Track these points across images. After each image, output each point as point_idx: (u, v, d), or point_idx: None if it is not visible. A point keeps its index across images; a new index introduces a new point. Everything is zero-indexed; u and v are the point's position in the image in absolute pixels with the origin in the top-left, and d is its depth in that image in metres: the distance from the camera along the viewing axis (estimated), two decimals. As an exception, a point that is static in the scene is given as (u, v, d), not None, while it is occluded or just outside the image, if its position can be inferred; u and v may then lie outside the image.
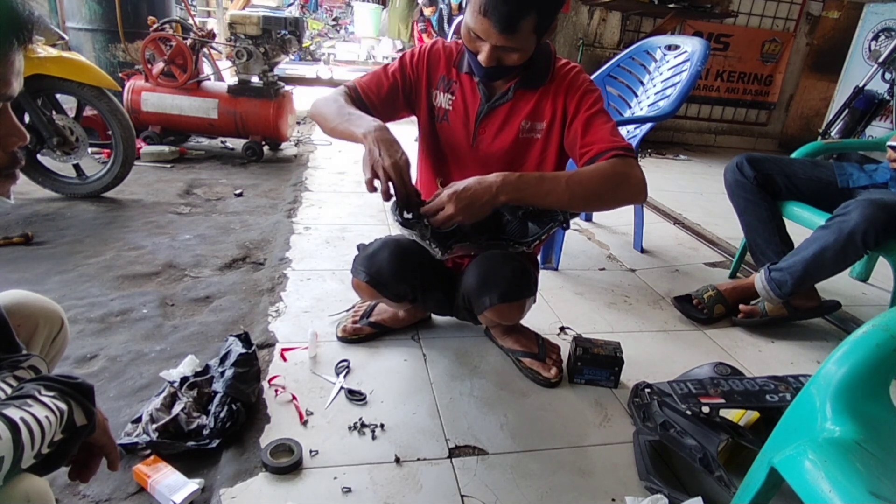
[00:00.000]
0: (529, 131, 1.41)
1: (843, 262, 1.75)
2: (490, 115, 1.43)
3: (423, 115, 1.50)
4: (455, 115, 1.46)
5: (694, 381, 1.32)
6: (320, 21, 11.64)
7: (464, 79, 1.44)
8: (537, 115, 1.40)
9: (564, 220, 1.35)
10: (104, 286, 1.91)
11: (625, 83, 2.66)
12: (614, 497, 1.21)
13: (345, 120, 1.31)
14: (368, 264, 1.50)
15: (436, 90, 1.47)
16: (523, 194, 1.23)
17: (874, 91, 3.64)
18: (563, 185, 1.23)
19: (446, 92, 1.46)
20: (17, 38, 0.68)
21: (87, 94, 2.48)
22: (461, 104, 1.45)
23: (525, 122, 1.40)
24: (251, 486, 1.15)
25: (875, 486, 0.72)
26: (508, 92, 1.40)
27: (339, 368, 1.54)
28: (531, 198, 1.24)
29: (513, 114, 1.41)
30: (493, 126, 1.43)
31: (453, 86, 1.46)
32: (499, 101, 1.41)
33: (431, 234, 1.25)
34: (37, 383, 0.70)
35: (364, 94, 1.43)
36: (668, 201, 3.44)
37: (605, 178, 1.25)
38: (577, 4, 4.67)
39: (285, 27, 3.55)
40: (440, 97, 1.47)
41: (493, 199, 1.21)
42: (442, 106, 1.47)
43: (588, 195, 1.26)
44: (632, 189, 1.27)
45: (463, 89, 1.45)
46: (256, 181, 3.20)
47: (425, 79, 1.47)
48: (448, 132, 1.48)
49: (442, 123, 1.48)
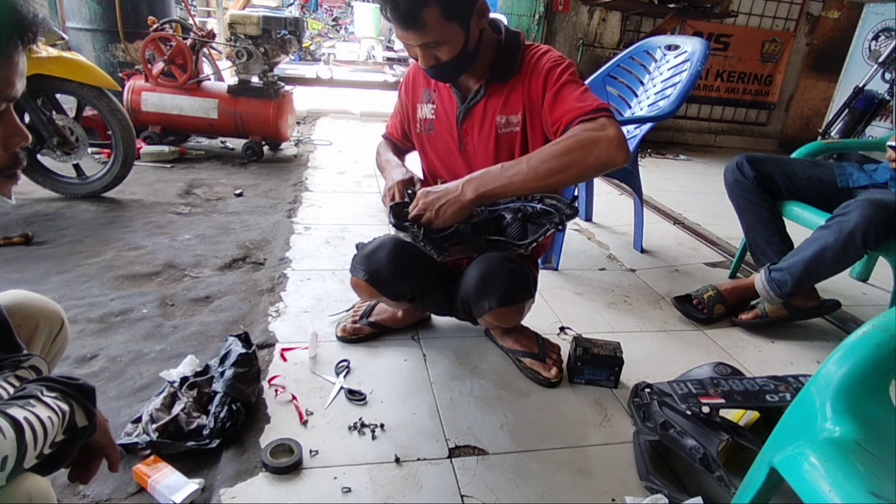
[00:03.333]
0: (506, 126, 1.41)
1: (844, 262, 1.75)
2: (468, 116, 1.45)
3: (415, 131, 1.57)
4: (439, 122, 1.50)
5: (694, 381, 1.32)
6: (320, 21, 11.63)
7: (441, 87, 1.48)
8: (508, 108, 1.40)
9: (560, 222, 1.35)
10: (104, 286, 1.91)
11: (625, 83, 2.66)
12: (614, 497, 1.21)
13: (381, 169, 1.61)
14: (367, 263, 1.50)
15: (420, 104, 1.53)
16: (489, 187, 1.21)
17: (874, 91, 3.63)
18: (524, 167, 1.19)
19: (428, 103, 1.52)
20: (21, 39, 0.68)
21: (87, 94, 2.48)
22: (442, 111, 1.49)
23: (500, 118, 1.41)
24: (251, 486, 1.15)
25: (875, 486, 0.72)
26: (480, 89, 1.41)
27: (339, 368, 1.54)
28: (500, 188, 1.21)
29: (488, 111, 1.42)
30: (474, 126, 1.44)
31: (433, 96, 1.51)
32: (473, 101, 1.43)
33: (424, 237, 1.27)
34: (39, 384, 0.70)
35: (393, 138, 1.67)
36: (668, 201, 3.44)
37: (568, 149, 1.18)
38: (577, 4, 4.67)
39: (285, 27, 3.55)
40: (424, 109, 1.53)
41: (460, 198, 1.23)
42: (427, 117, 1.52)
43: (553, 170, 1.17)
44: (603, 152, 1.16)
45: (441, 97, 1.49)
46: (256, 181, 3.20)
47: (412, 98, 1.56)
48: (437, 141, 1.53)
49: (430, 134, 1.53)
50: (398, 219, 1.31)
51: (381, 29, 9.78)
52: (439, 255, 1.32)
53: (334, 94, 5.73)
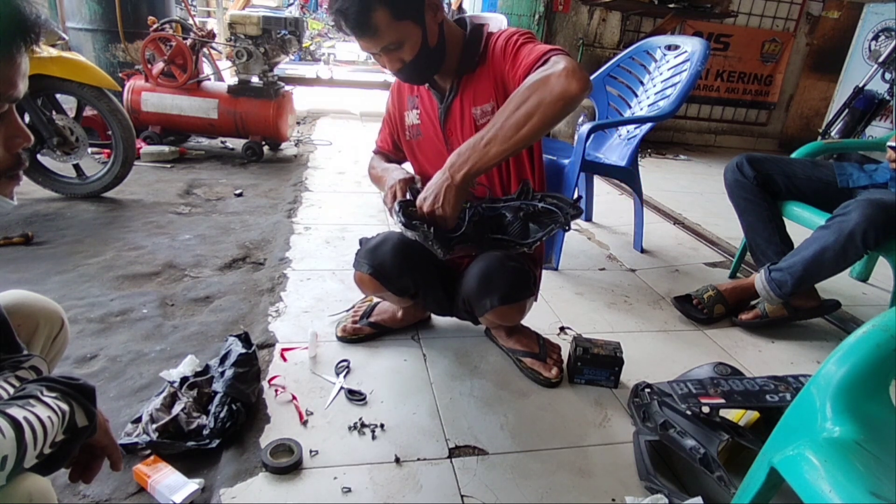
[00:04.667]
0: (482, 116, 1.41)
1: (844, 262, 1.75)
2: (448, 114, 1.46)
3: (405, 139, 1.59)
4: (424, 126, 1.53)
5: (694, 381, 1.32)
6: (320, 21, 11.62)
7: (422, 91, 1.51)
8: (480, 97, 1.41)
9: (565, 222, 1.36)
10: (104, 286, 1.91)
11: (625, 83, 2.66)
12: (614, 497, 1.21)
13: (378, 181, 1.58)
14: (371, 257, 1.51)
15: (406, 111, 1.56)
16: (474, 161, 1.16)
17: (874, 91, 3.63)
18: (494, 132, 1.14)
19: (413, 109, 1.54)
20: (24, 40, 0.68)
21: (87, 94, 2.48)
22: (426, 115, 1.51)
23: (475, 109, 1.42)
24: (251, 486, 1.15)
25: (875, 486, 0.72)
26: (453, 86, 1.43)
27: (339, 368, 1.54)
28: (482, 158, 1.16)
29: (464, 105, 1.43)
30: (456, 123, 1.46)
31: (417, 101, 1.52)
32: (450, 98, 1.44)
33: (434, 236, 1.27)
34: (39, 384, 0.70)
35: (385, 151, 1.68)
36: (668, 201, 3.45)
37: (524, 97, 1.12)
38: (577, 4, 4.67)
39: (285, 27, 3.55)
40: (410, 116, 1.55)
41: (452, 181, 1.18)
42: (413, 123, 1.54)
43: (519, 123, 1.11)
44: (556, 86, 1.09)
45: (423, 101, 1.51)
46: (256, 181, 3.20)
47: (399, 107, 1.58)
48: (425, 144, 1.55)
49: (419, 139, 1.55)
50: (408, 217, 1.29)
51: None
52: (445, 253, 1.31)
53: (334, 94, 5.73)
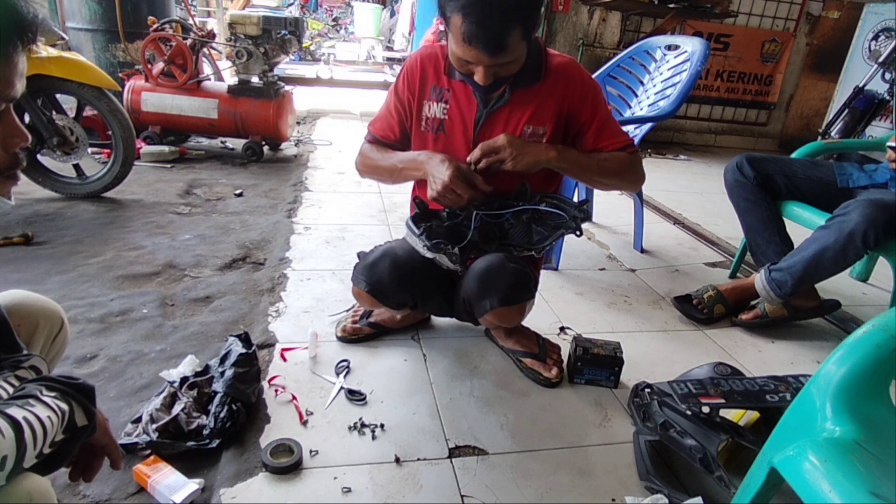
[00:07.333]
0: (532, 136, 1.40)
1: (844, 262, 1.75)
2: (489, 120, 1.41)
3: (415, 128, 1.49)
4: (451, 123, 1.44)
5: (694, 381, 1.32)
6: (320, 21, 11.62)
7: (456, 86, 1.42)
8: (539, 118, 1.39)
9: (577, 227, 1.36)
10: (104, 286, 1.91)
11: (625, 83, 2.66)
12: (614, 497, 1.21)
13: (398, 171, 1.48)
14: (369, 274, 1.50)
15: (427, 101, 1.45)
16: (567, 161, 1.38)
17: (874, 91, 3.63)
18: (595, 162, 1.42)
19: (439, 101, 1.44)
20: (21, 39, 0.68)
21: (87, 94, 2.48)
22: (457, 112, 1.43)
23: (527, 127, 1.40)
24: (251, 486, 1.15)
25: (875, 486, 0.72)
26: (504, 94, 1.38)
27: (339, 368, 1.54)
28: (571, 165, 1.40)
29: (513, 116, 1.40)
30: (495, 131, 1.40)
31: (446, 94, 1.43)
32: (496, 105, 1.40)
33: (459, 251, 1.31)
34: (38, 383, 0.70)
35: (388, 141, 1.55)
36: (668, 201, 3.44)
37: (623, 165, 1.45)
38: (577, 4, 4.67)
39: (285, 27, 3.55)
40: (433, 107, 1.45)
41: (546, 153, 1.35)
42: (436, 116, 1.45)
43: (611, 173, 1.44)
44: (639, 178, 1.51)
45: (457, 97, 1.42)
46: (256, 181, 3.20)
47: (417, 94, 1.46)
48: (446, 142, 1.45)
49: (438, 134, 1.46)
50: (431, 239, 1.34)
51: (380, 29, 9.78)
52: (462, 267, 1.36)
53: (334, 94, 5.73)
